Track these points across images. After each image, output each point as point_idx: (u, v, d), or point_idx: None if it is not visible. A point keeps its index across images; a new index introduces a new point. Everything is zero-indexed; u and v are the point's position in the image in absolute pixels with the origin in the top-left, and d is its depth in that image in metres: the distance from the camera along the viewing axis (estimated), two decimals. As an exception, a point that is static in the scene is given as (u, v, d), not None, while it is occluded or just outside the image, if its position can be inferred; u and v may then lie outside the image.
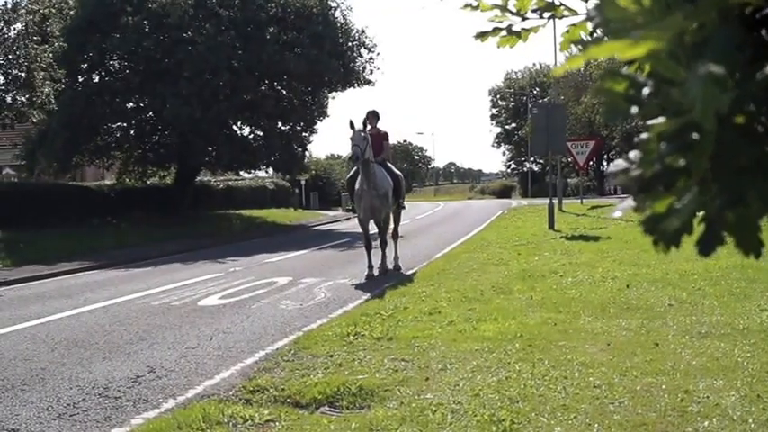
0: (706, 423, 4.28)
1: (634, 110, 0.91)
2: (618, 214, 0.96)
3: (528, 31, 1.66)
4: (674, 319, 7.16)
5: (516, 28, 1.65)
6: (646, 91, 0.90)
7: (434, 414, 4.68)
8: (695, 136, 0.84)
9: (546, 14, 1.61)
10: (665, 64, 0.85)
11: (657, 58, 0.85)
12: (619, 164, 0.95)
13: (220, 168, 32.74)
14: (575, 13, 1.57)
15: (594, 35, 1.58)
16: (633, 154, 0.93)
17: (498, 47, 1.70)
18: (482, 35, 1.66)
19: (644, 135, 0.91)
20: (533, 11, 1.61)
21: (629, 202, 0.92)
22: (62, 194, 25.21)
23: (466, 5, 1.71)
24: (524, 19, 1.63)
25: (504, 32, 1.65)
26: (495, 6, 1.65)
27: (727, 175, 0.85)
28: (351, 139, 11.41)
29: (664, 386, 4.99)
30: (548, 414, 4.57)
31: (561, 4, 1.59)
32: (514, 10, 1.61)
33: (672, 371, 5.36)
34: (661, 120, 0.88)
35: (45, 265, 15.66)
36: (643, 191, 0.89)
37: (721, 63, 0.81)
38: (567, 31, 1.58)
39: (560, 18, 1.59)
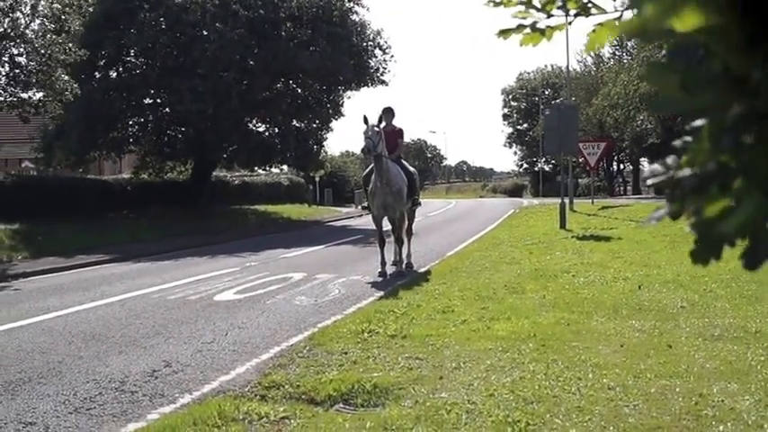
0: (721, 428, 4.29)
1: (687, 100, 0.83)
2: (653, 223, 0.89)
3: (553, 28, 1.63)
4: (686, 322, 7.16)
5: (541, 25, 1.62)
6: (702, 83, 0.82)
7: (449, 414, 4.71)
8: (757, 129, 0.77)
9: (572, 12, 1.59)
10: (727, 47, 0.77)
11: (718, 37, 0.77)
12: (655, 169, 0.90)
13: (237, 164, 32.85)
14: (602, 11, 1.54)
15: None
16: (671, 159, 0.88)
17: (521, 45, 1.66)
18: (505, 32, 1.63)
19: (695, 126, 0.84)
20: (559, 8, 1.59)
21: (664, 210, 0.87)
22: (80, 188, 25.41)
23: (489, 1, 1.69)
24: (550, 16, 1.60)
25: (527, 30, 1.63)
26: (521, 2, 1.63)
27: None
28: (363, 132, 11.42)
29: (678, 389, 5.01)
30: (562, 416, 4.59)
31: (590, 2, 1.58)
32: (540, 6, 1.60)
33: (686, 374, 5.37)
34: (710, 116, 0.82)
35: (62, 258, 15.79)
36: (695, 192, 0.82)
37: None
38: (594, 31, 1.56)
39: (587, 16, 1.57)
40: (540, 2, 1.61)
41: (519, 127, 75.53)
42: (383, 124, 11.91)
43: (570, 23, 1.61)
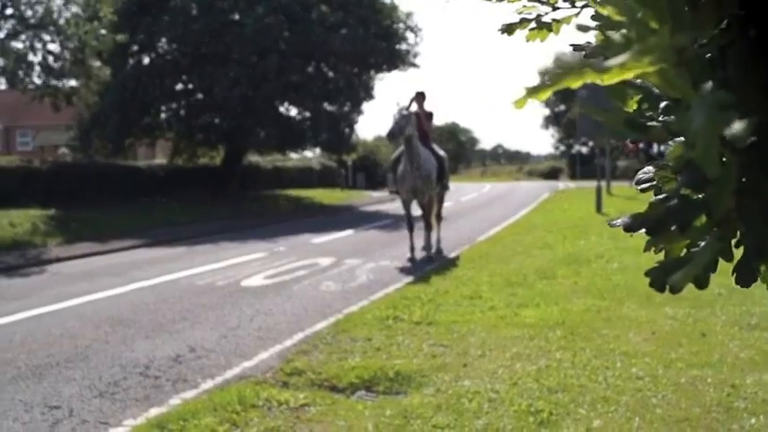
0: (753, 420, 4.14)
1: (638, 135, 0.76)
2: (618, 223, 0.81)
3: (559, 22, 1.53)
4: (722, 309, 6.97)
5: (546, 19, 1.52)
6: (661, 107, 0.74)
7: (471, 402, 4.62)
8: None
9: (579, 3, 1.47)
10: (667, 81, 0.68)
11: (660, 76, 0.68)
12: (648, 170, 0.83)
13: (269, 149, 32.96)
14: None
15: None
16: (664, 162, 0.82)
17: (527, 41, 1.56)
18: (509, 28, 1.54)
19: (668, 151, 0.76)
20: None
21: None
22: (114, 174, 25.66)
23: None
24: (555, 9, 1.49)
25: (533, 24, 1.53)
26: None
27: (756, 217, 0.68)
28: (393, 116, 11.29)
29: (709, 380, 4.86)
30: (587, 406, 4.47)
31: None
32: None
33: (718, 363, 5.21)
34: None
35: (96, 243, 15.93)
36: (654, 231, 0.73)
37: (736, 82, 0.65)
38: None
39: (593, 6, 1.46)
40: None
41: (556, 109, 74.74)
42: (414, 107, 11.78)
43: (578, 15, 1.49)
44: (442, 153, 12.59)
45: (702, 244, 0.71)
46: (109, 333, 7.42)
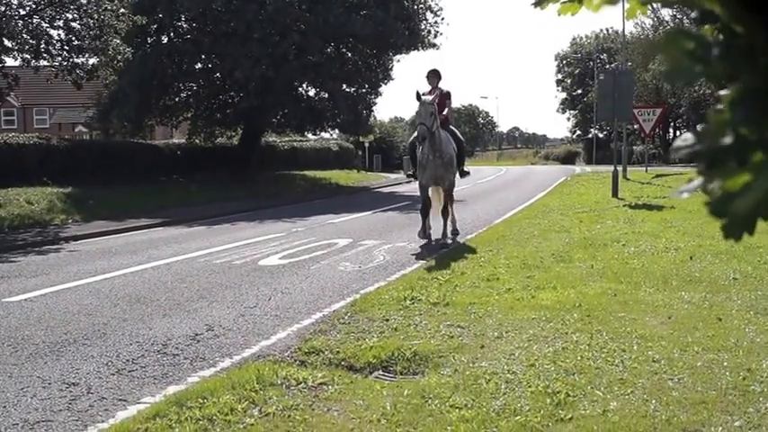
0: (769, 404, 4.14)
1: (699, 69, 0.79)
2: (685, 195, 0.84)
3: None
4: (738, 294, 6.94)
5: None
6: (715, 52, 0.78)
7: (488, 383, 4.64)
8: None
9: None
10: (732, 12, 0.72)
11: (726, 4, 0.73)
12: (687, 138, 0.85)
13: (288, 129, 32.98)
14: None
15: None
16: (703, 127, 0.84)
17: (559, 14, 1.55)
18: (540, 2, 1.53)
19: (720, 96, 0.79)
20: None
21: (698, 182, 0.82)
22: (131, 153, 25.78)
23: None
24: None
25: None
26: None
27: None
28: (417, 113, 11.09)
29: (725, 363, 4.85)
30: (604, 388, 4.48)
31: None
32: None
33: (734, 347, 5.20)
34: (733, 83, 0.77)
35: (113, 221, 16.03)
36: (712, 166, 0.77)
37: None
38: None
39: None
40: None
41: (573, 93, 74.24)
42: (429, 87, 11.67)
43: None
44: (460, 137, 12.50)
45: (761, 178, 0.74)
46: (126, 311, 7.48)
